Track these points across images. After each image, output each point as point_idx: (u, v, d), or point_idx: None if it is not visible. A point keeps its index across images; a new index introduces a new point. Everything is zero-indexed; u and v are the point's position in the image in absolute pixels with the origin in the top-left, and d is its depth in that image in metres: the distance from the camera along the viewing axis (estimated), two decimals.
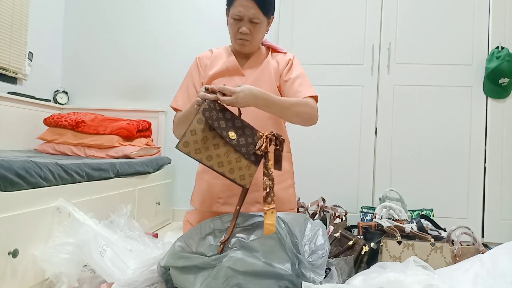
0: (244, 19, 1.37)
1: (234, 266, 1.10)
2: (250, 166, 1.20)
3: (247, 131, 1.21)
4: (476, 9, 2.47)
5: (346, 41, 2.57)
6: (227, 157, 1.16)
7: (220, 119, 1.17)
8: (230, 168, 1.17)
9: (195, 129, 1.14)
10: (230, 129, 1.18)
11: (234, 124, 1.19)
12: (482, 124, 2.44)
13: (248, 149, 1.19)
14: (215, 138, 1.16)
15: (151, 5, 3.11)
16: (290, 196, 1.47)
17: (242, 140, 1.19)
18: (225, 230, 1.20)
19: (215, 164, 1.15)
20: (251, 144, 1.20)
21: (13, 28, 2.55)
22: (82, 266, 1.40)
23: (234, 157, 1.17)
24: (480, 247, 1.59)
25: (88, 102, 3.12)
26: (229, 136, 1.17)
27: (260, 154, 1.19)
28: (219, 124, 1.16)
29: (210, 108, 1.16)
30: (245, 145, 1.19)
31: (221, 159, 1.16)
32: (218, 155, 1.15)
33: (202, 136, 1.14)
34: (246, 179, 1.19)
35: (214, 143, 1.16)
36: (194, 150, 1.13)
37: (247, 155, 1.19)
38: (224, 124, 1.17)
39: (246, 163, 1.19)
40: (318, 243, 1.23)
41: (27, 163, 1.36)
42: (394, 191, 2.35)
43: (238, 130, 1.19)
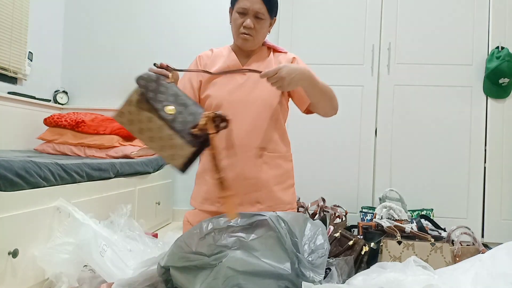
0: (249, 13, 1.37)
1: (234, 266, 1.10)
2: (184, 146, 1.08)
3: (191, 109, 1.10)
4: (476, 9, 2.47)
5: (346, 41, 2.57)
6: (159, 132, 1.08)
7: (159, 92, 1.09)
8: (161, 145, 1.08)
9: (132, 99, 1.09)
10: (170, 104, 1.09)
11: (176, 99, 1.10)
12: (482, 124, 2.44)
13: (186, 127, 1.07)
14: (150, 111, 1.08)
15: (151, 6, 3.11)
16: (290, 196, 1.47)
17: (180, 117, 1.08)
18: (225, 229, 1.20)
19: (146, 138, 1.09)
20: (190, 123, 1.08)
21: (13, 28, 2.55)
22: (82, 266, 1.40)
23: (166, 133, 1.08)
24: (480, 247, 1.59)
25: (88, 102, 3.12)
26: (165, 111, 1.08)
27: (198, 135, 1.07)
28: (155, 96, 1.08)
29: (150, 79, 1.09)
30: (182, 122, 1.08)
31: (152, 134, 1.08)
32: (150, 129, 1.08)
33: (137, 107, 1.08)
34: (177, 160, 1.09)
35: (148, 115, 1.08)
36: (127, 120, 1.09)
37: (182, 134, 1.07)
38: (163, 98, 1.09)
39: (180, 142, 1.08)
40: (317, 243, 1.23)
41: (27, 163, 1.36)
42: (394, 191, 2.35)
43: (179, 106, 1.09)
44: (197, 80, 1.47)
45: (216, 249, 1.16)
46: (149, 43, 3.09)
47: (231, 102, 1.39)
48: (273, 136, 1.42)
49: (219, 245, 1.16)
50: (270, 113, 1.40)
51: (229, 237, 1.18)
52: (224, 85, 1.42)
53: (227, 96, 1.40)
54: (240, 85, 1.42)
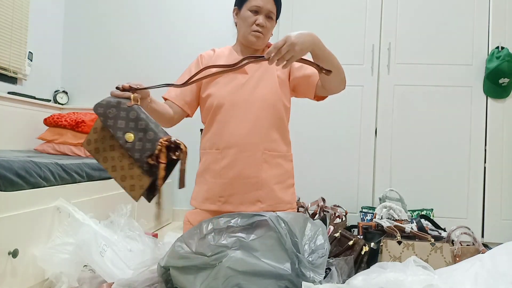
0: (261, 12, 1.40)
1: (234, 266, 1.10)
2: (142, 177, 1.03)
3: (150, 135, 1.03)
4: (476, 9, 2.47)
5: (346, 41, 2.57)
6: (120, 161, 1.04)
7: (120, 118, 1.04)
8: (122, 175, 1.04)
9: (97, 126, 1.06)
10: (130, 131, 1.03)
11: (137, 125, 1.04)
12: (482, 124, 2.44)
13: (143, 156, 1.02)
14: (112, 138, 1.05)
15: (151, 6, 3.11)
16: (290, 196, 1.48)
17: (139, 145, 1.03)
18: (225, 229, 1.20)
19: (109, 167, 1.05)
20: (148, 151, 1.02)
21: (13, 28, 2.55)
22: (82, 266, 1.40)
23: (127, 162, 1.04)
24: (480, 247, 1.59)
25: (88, 102, 3.11)
26: (125, 138, 1.03)
27: (152, 164, 1.02)
28: (115, 123, 1.03)
29: (109, 105, 1.04)
30: (140, 150, 1.02)
31: (114, 163, 1.05)
32: (112, 157, 1.05)
33: (102, 135, 1.05)
34: (136, 191, 1.05)
35: (111, 143, 1.05)
36: (94, 149, 1.06)
37: (140, 162, 1.03)
38: (123, 124, 1.03)
39: (138, 172, 1.03)
40: (318, 243, 1.23)
41: (27, 163, 1.36)
42: (394, 191, 2.35)
43: (139, 132, 1.03)
44: None
45: (216, 249, 1.16)
46: (150, 43, 3.09)
47: (232, 101, 1.39)
48: (274, 135, 1.42)
49: (219, 245, 1.16)
50: (272, 113, 1.40)
51: (229, 237, 1.18)
52: (226, 85, 1.42)
53: (228, 95, 1.40)
54: (242, 85, 1.42)
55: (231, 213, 1.25)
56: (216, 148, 1.42)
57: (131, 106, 1.05)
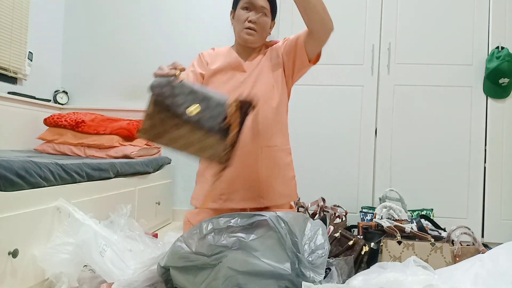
0: (253, 8, 1.43)
1: (234, 266, 1.10)
2: (220, 142, 1.04)
3: (213, 102, 1.04)
4: (476, 9, 2.47)
5: (346, 41, 2.57)
6: (191, 136, 1.02)
7: (176, 95, 1.02)
8: (197, 149, 1.02)
9: (150, 112, 1.02)
10: (192, 104, 1.02)
11: (195, 96, 1.03)
12: (482, 124, 2.44)
13: (215, 123, 1.02)
14: (173, 118, 1.01)
15: (151, 5, 3.11)
16: (291, 189, 1.49)
17: (207, 114, 1.02)
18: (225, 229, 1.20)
19: (180, 146, 1.02)
20: (219, 117, 1.03)
21: (13, 28, 2.55)
22: (82, 266, 1.40)
23: (198, 135, 1.02)
24: (480, 247, 1.59)
25: (88, 102, 3.12)
26: (188, 113, 1.01)
27: (226, 127, 1.03)
28: (173, 101, 1.01)
29: (162, 85, 1.02)
30: (210, 118, 1.02)
31: (185, 140, 1.02)
32: (180, 136, 1.01)
33: (159, 119, 1.01)
34: (218, 157, 1.04)
35: (174, 123, 1.01)
36: (154, 135, 1.02)
37: (214, 130, 1.02)
38: (181, 100, 1.01)
39: (214, 140, 1.03)
40: (318, 243, 1.23)
41: (27, 163, 1.36)
42: (394, 191, 2.35)
43: (202, 102, 1.03)
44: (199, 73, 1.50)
45: (216, 249, 1.16)
46: (150, 43, 3.09)
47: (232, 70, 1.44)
48: (273, 130, 1.44)
49: (219, 245, 1.16)
50: (271, 108, 1.42)
51: (229, 237, 1.18)
52: (224, 83, 1.44)
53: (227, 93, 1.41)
54: (240, 83, 1.44)
55: (231, 213, 1.25)
56: None
57: (181, 82, 1.04)
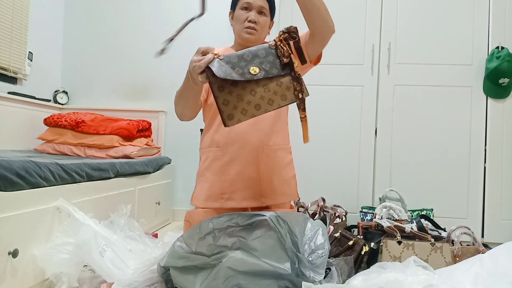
0: (252, 8, 1.42)
1: (234, 266, 1.10)
2: (288, 81, 1.12)
3: (261, 53, 1.11)
4: (476, 9, 2.47)
5: (346, 41, 2.57)
6: (269, 91, 1.10)
7: (233, 68, 1.08)
8: (281, 95, 1.10)
9: (225, 98, 1.07)
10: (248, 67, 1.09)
11: (246, 60, 1.10)
12: (482, 124, 2.44)
13: (278, 68, 1.11)
14: (245, 87, 1.08)
15: (151, 5, 3.11)
16: (292, 187, 1.49)
17: (266, 66, 1.10)
18: (225, 229, 1.20)
19: (265, 106, 1.09)
20: (275, 61, 1.11)
21: (13, 28, 2.55)
22: (82, 266, 1.40)
23: (273, 85, 1.10)
24: (480, 247, 1.59)
25: (88, 102, 3.12)
26: (253, 74, 1.08)
27: (287, 63, 1.11)
28: (237, 74, 1.07)
29: (219, 67, 1.07)
30: (271, 67, 1.11)
31: (266, 97, 1.09)
32: (261, 97, 1.09)
33: (235, 97, 1.07)
34: (305, 91, 1.12)
35: (249, 91, 1.08)
36: (240, 114, 1.07)
37: (281, 74, 1.11)
38: (240, 70, 1.08)
39: (288, 80, 1.11)
40: (318, 243, 1.23)
41: (27, 163, 1.36)
42: (394, 191, 2.35)
43: (254, 61, 1.10)
44: None
45: (216, 249, 1.16)
46: (149, 43, 3.09)
47: None
48: (274, 129, 1.44)
49: (219, 245, 1.16)
50: None
51: (229, 237, 1.18)
52: None
53: None
54: None
55: (231, 213, 1.25)
56: (217, 145, 1.42)
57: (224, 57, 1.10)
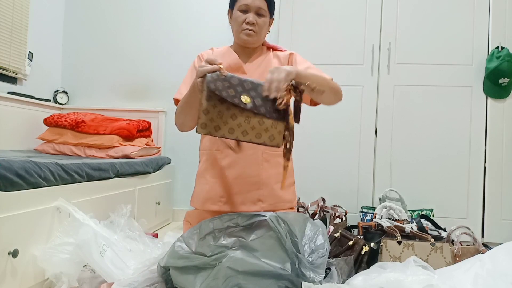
0: (250, 10, 1.41)
1: (234, 266, 1.10)
2: (276, 124, 1.15)
3: (260, 89, 1.14)
4: (476, 9, 2.47)
5: (346, 41, 2.57)
6: (249, 123, 1.12)
7: (228, 88, 1.11)
8: (256, 134, 1.13)
9: (206, 107, 1.10)
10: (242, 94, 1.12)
11: (244, 87, 1.13)
12: (482, 124, 2.44)
13: (268, 108, 1.13)
14: (229, 109, 1.11)
15: (151, 5, 3.11)
16: (291, 195, 1.48)
17: (258, 101, 1.13)
18: (225, 229, 1.20)
19: (239, 134, 1.12)
20: (269, 102, 1.13)
21: (13, 28, 2.55)
22: (82, 266, 1.40)
23: (255, 121, 1.13)
24: (480, 247, 1.59)
25: (88, 102, 3.12)
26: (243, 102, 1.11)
27: (282, 109, 1.13)
28: (228, 93, 1.11)
29: (214, 80, 1.10)
30: (263, 104, 1.13)
31: (243, 128, 1.12)
32: (239, 124, 1.12)
33: (216, 112, 1.10)
34: (276, 138, 1.15)
35: (231, 114, 1.11)
36: (213, 128, 1.10)
37: (268, 114, 1.13)
38: (233, 92, 1.11)
39: (271, 123, 1.14)
40: (318, 243, 1.23)
41: (27, 163, 1.36)
42: (394, 191, 2.35)
43: (250, 92, 1.13)
44: None
45: (216, 249, 1.16)
46: (150, 43, 3.09)
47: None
48: None
49: (219, 246, 1.16)
50: None
51: (229, 237, 1.18)
52: None
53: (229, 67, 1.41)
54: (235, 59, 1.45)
55: (231, 213, 1.25)
56: (217, 148, 1.42)
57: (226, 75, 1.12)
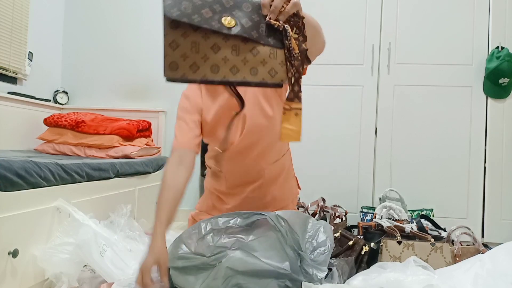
0: None
1: (233, 266, 1.10)
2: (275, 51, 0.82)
3: (246, 6, 0.81)
4: (476, 9, 2.47)
5: (346, 41, 2.57)
6: (238, 54, 0.79)
7: (201, 7, 0.77)
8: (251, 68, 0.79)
9: (174, 39, 0.76)
10: (222, 15, 0.79)
11: (223, 6, 0.79)
12: (482, 124, 2.44)
13: (261, 30, 0.80)
14: (208, 37, 0.77)
15: (151, 5, 3.11)
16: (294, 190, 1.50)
17: (246, 22, 0.80)
18: (224, 230, 1.20)
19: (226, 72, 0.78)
20: (261, 21, 0.81)
21: (13, 28, 2.55)
22: (82, 266, 1.40)
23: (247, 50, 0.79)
24: (480, 247, 1.59)
25: (88, 102, 3.12)
26: (225, 25, 0.78)
27: (278, 27, 0.82)
28: (201, 16, 0.77)
29: (178, 1, 0.76)
30: (253, 26, 0.80)
31: (232, 62, 0.78)
32: (224, 58, 0.78)
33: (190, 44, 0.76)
34: (279, 73, 0.82)
35: (211, 44, 0.77)
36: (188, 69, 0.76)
37: (263, 39, 0.80)
38: (210, 12, 0.77)
39: (268, 51, 0.81)
40: (319, 240, 1.24)
41: (27, 163, 1.36)
42: (394, 191, 2.35)
43: (233, 11, 0.80)
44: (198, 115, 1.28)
45: (216, 249, 1.16)
46: (150, 43, 3.09)
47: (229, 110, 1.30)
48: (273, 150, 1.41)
49: (218, 246, 1.16)
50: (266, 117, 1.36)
51: (228, 237, 1.18)
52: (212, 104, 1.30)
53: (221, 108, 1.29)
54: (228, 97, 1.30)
55: (230, 213, 1.25)
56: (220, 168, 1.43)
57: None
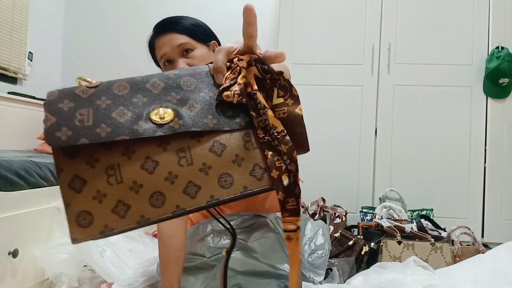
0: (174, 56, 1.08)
1: (233, 266, 1.10)
2: (250, 136, 0.52)
3: (187, 82, 0.52)
4: (476, 9, 2.47)
5: (346, 41, 2.57)
6: (191, 163, 0.47)
7: (110, 109, 0.49)
8: (218, 178, 0.48)
9: (75, 173, 0.45)
10: (150, 108, 0.49)
11: (150, 93, 0.51)
12: (482, 124, 2.44)
13: (219, 110, 0.51)
14: (133, 151, 0.46)
15: (151, 5, 3.11)
16: None
17: (191, 106, 0.49)
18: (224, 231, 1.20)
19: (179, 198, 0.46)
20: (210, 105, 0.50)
21: (13, 28, 2.55)
22: (82, 266, 1.40)
23: (205, 149, 0.48)
24: (480, 247, 1.59)
25: None
26: (157, 122, 0.47)
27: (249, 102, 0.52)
28: (113, 123, 0.47)
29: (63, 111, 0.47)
30: (204, 108, 0.50)
31: (184, 178, 0.46)
32: (169, 176, 0.46)
33: (104, 172, 0.45)
34: (261, 173, 0.50)
35: (140, 161, 0.46)
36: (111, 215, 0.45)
37: (227, 124, 0.50)
38: (127, 112, 0.49)
39: (241, 137, 0.51)
40: (318, 243, 1.23)
41: (27, 163, 1.36)
42: (394, 191, 2.35)
43: (166, 96, 0.50)
44: None
45: (215, 251, 1.16)
46: None
47: None
48: None
49: (218, 247, 1.16)
50: None
51: (229, 238, 1.18)
52: None
53: None
54: None
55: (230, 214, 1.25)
56: None
57: (99, 85, 0.52)
